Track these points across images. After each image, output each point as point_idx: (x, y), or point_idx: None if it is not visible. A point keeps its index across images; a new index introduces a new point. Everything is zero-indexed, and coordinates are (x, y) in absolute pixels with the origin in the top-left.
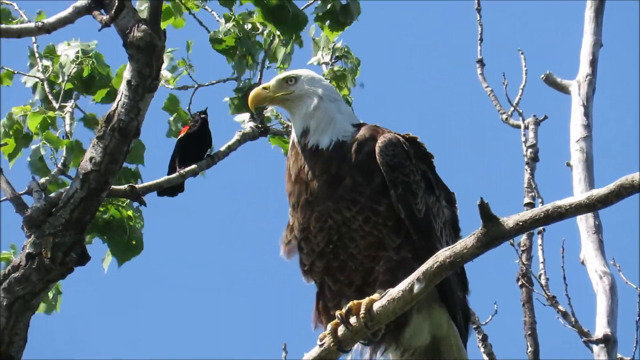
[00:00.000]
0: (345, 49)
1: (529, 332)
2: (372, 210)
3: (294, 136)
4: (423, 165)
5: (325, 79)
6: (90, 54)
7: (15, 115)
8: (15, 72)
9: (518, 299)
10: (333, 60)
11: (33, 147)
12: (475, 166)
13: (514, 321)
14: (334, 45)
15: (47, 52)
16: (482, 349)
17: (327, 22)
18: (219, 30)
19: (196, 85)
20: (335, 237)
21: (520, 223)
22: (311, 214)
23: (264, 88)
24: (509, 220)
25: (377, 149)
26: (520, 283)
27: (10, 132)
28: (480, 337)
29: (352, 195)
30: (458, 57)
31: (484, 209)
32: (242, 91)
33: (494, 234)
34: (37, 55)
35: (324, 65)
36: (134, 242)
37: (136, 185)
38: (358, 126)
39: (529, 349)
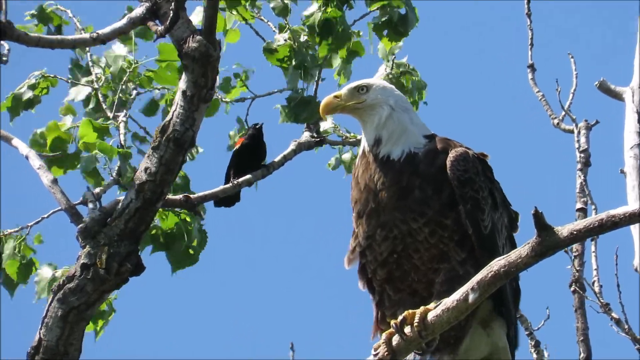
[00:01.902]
0: (411, 67)
1: (582, 338)
2: (439, 223)
3: (364, 145)
4: (489, 182)
5: None
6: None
7: (63, 128)
8: (69, 80)
9: (570, 305)
10: (398, 75)
11: (84, 155)
12: (527, 171)
13: (566, 327)
14: (394, 58)
15: (94, 61)
16: (534, 355)
17: (385, 32)
18: (272, 42)
19: (253, 97)
20: (400, 247)
21: (575, 232)
22: (377, 223)
23: (335, 97)
24: (563, 230)
25: (448, 163)
26: (572, 289)
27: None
28: (532, 343)
29: (421, 207)
30: (509, 62)
31: (538, 218)
32: (293, 101)
33: (548, 243)
34: (90, 64)
35: (384, 70)
36: (191, 252)
37: (191, 195)
38: (430, 137)
39: (582, 355)
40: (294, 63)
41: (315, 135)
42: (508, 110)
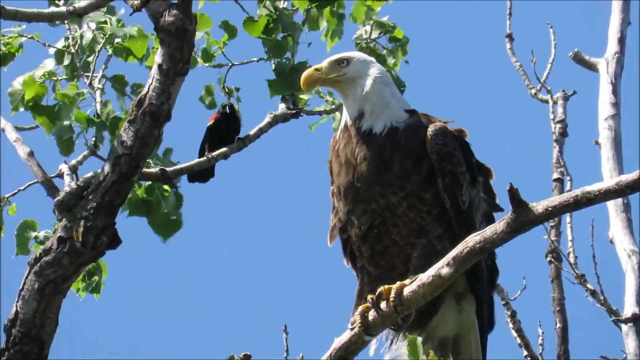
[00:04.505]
0: (392, 25)
1: (558, 309)
2: (418, 197)
3: (347, 118)
4: (468, 158)
5: None
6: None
7: (39, 80)
8: (47, 44)
9: (547, 275)
10: (378, 36)
11: (65, 123)
12: (504, 141)
13: (542, 297)
14: (372, 22)
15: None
16: (511, 325)
17: None
18: (252, 16)
19: (230, 64)
20: (378, 221)
21: (550, 209)
22: (356, 197)
23: (316, 69)
24: (538, 206)
25: (427, 137)
26: (548, 259)
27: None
28: (509, 313)
29: (400, 181)
30: (487, 32)
31: (513, 194)
32: (283, 70)
33: (523, 219)
34: (67, 27)
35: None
36: (174, 218)
37: (167, 169)
38: (410, 112)
39: (558, 325)
40: (277, 31)
41: (292, 107)
42: (485, 79)
